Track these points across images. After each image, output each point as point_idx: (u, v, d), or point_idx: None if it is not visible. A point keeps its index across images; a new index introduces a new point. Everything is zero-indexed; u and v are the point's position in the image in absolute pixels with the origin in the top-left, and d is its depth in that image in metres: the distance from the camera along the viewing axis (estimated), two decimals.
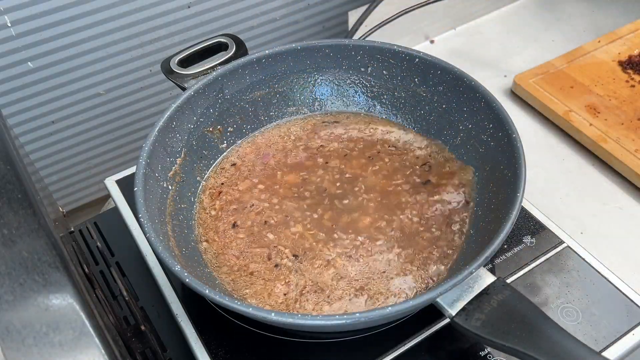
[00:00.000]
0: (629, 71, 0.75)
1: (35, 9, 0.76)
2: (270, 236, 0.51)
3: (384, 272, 0.48)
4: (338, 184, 0.55)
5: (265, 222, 0.52)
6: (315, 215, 0.52)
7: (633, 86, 0.73)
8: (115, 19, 0.81)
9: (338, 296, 0.47)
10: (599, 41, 0.80)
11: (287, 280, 0.48)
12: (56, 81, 0.83)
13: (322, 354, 0.47)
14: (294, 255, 0.50)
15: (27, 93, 0.83)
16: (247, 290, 0.48)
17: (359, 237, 0.50)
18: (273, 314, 0.39)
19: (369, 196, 0.53)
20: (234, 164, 0.58)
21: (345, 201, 0.53)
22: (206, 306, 0.50)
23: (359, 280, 0.47)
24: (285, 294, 0.47)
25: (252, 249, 0.50)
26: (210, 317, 0.49)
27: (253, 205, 0.54)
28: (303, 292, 0.47)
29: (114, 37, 0.83)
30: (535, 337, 0.39)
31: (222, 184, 0.56)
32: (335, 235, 0.51)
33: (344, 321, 0.38)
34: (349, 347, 0.47)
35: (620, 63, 0.77)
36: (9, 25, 0.75)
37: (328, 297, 0.47)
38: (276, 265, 0.49)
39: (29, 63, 0.80)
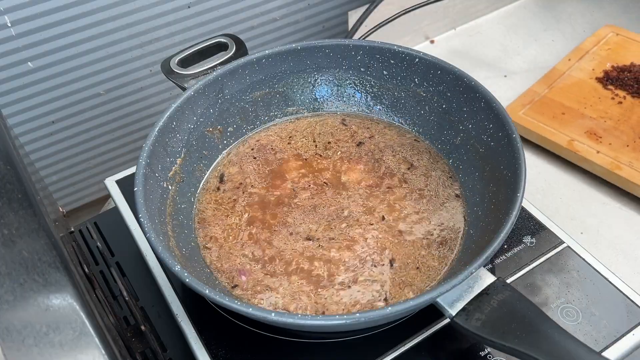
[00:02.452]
0: (610, 87, 0.73)
1: (35, 9, 0.76)
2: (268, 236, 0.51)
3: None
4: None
5: (263, 224, 0.52)
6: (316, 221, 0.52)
7: (620, 102, 0.71)
8: (115, 19, 0.81)
9: (335, 299, 0.47)
10: (569, 59, 0.78)
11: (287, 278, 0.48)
12: (56, 81, 0.83)
13: (322, 354, 0.47)
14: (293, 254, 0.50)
15: (27, 93, 0.83)
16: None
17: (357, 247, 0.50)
18: (273, 314, 0.39)
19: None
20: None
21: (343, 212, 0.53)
22: (206, 306, 0.50)
23: (357, 276, 0.48)
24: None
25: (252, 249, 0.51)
26: (210, 317, 0.49)
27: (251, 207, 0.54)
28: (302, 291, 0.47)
29: (114, 37, 0.83)
30: (535, 337, 0.39)
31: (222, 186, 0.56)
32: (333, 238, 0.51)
33: (343, 321, 0.38)
34: (349, 347, 0.47)
35: (599, 80, 0.75)
36: (9, 25, 0.75)
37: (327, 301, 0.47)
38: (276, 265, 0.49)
39: (29, 63, 0.80)
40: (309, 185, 0.55)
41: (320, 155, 0.58)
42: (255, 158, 0.57)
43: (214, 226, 0.52)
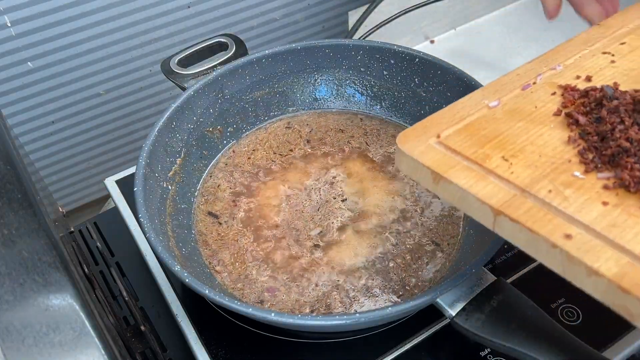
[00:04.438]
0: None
1: (35, 9, 0.76)
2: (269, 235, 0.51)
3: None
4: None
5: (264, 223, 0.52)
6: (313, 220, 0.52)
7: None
8: (115, 19, 0.81)
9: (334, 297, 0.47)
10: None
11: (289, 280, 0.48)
12: (56, 81, 0.83)
13: (322, 354, 0.47)
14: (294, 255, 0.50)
15: (27, 93, 0.83)
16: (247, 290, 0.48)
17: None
18: (273, 314, 0.39)
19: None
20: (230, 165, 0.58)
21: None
22: (206, 306, 0.50)
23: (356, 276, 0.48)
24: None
25: (253, 249, 0.51)
26: (210, 317, 0.49)
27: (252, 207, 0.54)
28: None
29: (113, 37, 0.83)
30: (535, 337, 0.39)
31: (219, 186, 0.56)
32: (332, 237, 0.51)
33: (343, 321, 0.38)
34: (349, 347, 0.47)
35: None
36: (9, 25, 0.75)
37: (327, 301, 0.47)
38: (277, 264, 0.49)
39: (29, 63, 0.80)
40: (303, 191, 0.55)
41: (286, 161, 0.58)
42: (236, 180, 0.57)
43: (223, 250, 0.51)
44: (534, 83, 0.43)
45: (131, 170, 0.60)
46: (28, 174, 0.40)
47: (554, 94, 0.42)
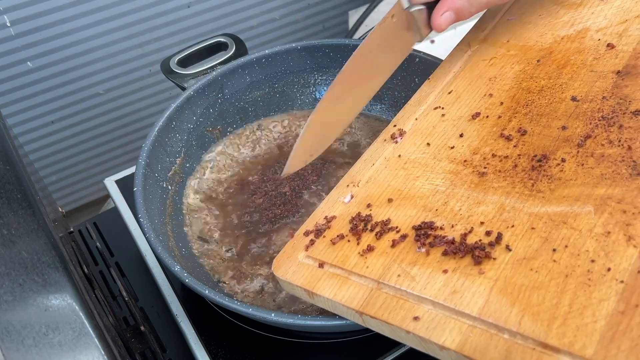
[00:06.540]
0: None
1: (34, 9, 0.76)
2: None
3: None
4: None
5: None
6: None
7: None
8: (115, 18, 0.81)
9: None
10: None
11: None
12: (56, 81, 0.83)
13: (322, 354, 0.47)
14: None
15: (26, 93, 0.83)
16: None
17: None
18: (273, 314, 0.39)
19: None
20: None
21: None
22: (206, 306, 0.50)
23: None
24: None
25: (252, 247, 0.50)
26: (210, 317, 0.49)
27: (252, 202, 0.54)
28: None
29: (113, 37, 0.83)
30: None
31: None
32: None
33: (343, 321, 0.38)
34: (349, 347, 0.47)
35: None
36: (9, 25, 0.75)
37: None
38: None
39: (29, 63, 0.80)
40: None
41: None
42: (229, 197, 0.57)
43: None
44: (372, 165, 0.44)
45: (131, 170, 0.60)
46: (27, 174, 0.40)
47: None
